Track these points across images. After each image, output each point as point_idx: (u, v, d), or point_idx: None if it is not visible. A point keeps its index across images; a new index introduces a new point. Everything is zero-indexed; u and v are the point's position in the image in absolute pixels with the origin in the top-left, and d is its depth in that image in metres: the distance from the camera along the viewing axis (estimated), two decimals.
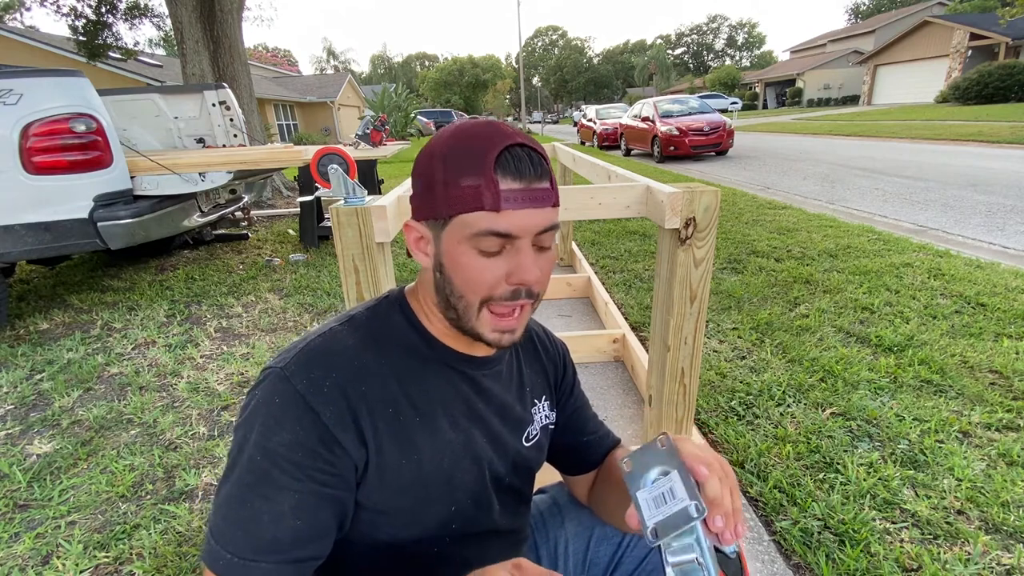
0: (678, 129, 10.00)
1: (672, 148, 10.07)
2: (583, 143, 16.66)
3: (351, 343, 0.58)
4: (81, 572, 1.33)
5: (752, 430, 1.75)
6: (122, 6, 8.87)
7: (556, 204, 0.56)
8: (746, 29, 72.08)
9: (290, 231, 5.17)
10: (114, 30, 8.93)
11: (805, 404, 1.87)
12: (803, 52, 41.75)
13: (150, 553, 1.37)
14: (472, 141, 0.53)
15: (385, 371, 0.58)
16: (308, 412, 0.51)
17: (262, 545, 0.49)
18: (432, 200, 0.55)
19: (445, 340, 0.63)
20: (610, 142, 14.01)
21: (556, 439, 0.78)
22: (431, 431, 0.59)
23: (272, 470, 0.50)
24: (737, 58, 72.55)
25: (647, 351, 2.07)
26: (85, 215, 2.74)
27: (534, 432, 0.72)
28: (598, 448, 0.79)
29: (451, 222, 0.54)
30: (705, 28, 74.36)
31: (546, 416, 0.75)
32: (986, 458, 1.53)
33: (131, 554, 1.38)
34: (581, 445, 0.78)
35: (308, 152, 3.74)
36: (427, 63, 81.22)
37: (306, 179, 4.59)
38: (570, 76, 70.31)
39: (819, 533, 1.31)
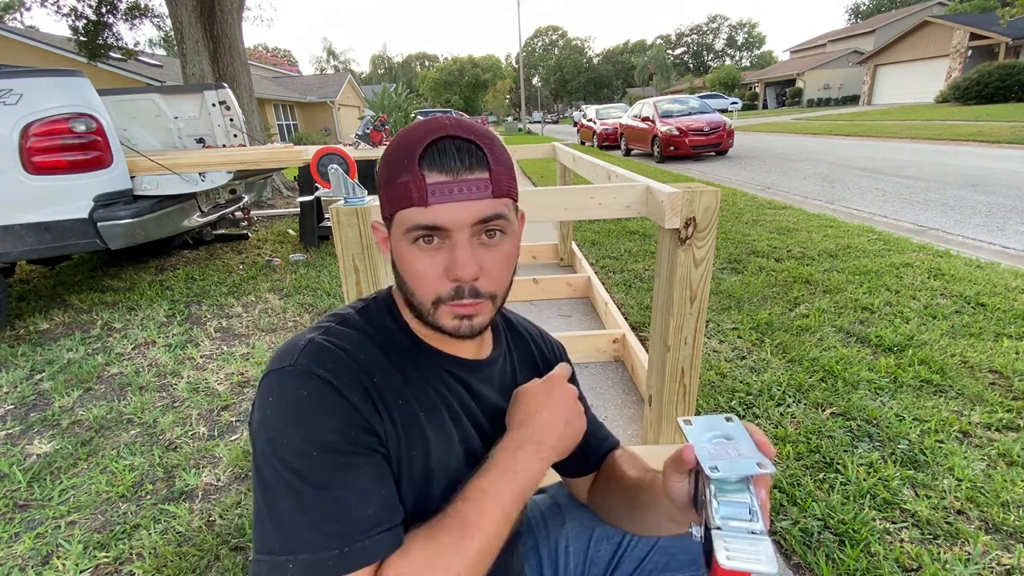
0: (678, 129, 10.00)
1: (672, 148, 10.07)
2: (583, 143, 16.66)
3: (353, 338, 0.58)
4: (81, 572, 1.33)
5: None
6: (122, 6, 8.88)
7: (501, 195, 0.54)
8: (746, 29, 72.12)
9: (290, 231, 5.17)
10: (114, 30, 8.94)
11: (805, 404, 1.87)
12: (803, 52, 41.74)
13: (150, 553, 1.37)
14: (407, 138, 0.54)
15: (387, 366, 0.58)
16: (340, 396, 0.51)
17: (361, 527, 0.48)
18: (382, 201, 0.57)
19: (431, 342, 0.63)
20: (610, 142, 14.01)
21: None
22: (437, 425, 0.59)
23: (336, 457, 0.49)
24: (737, 58, 72.58)
25: (647, 351, 2.07)
26: (85, 215, 2.74)
27: None
28: (596, 452, 0.78)
29: (394, 220, 0.55)
30: (705, 28, 74.42)
31: None
32: (986, 458, 1.53)
33: (131, 554, 1.38)
34: (579, 450, 0.78)
35: (308, 152, 3.73)
36: (427, 63, 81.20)
37: (306, 179, 4.59)
38: (570, 76, 70.30)
39: (819, 533, 1.31)
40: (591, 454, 0.78)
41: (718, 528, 0.45)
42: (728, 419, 0.54)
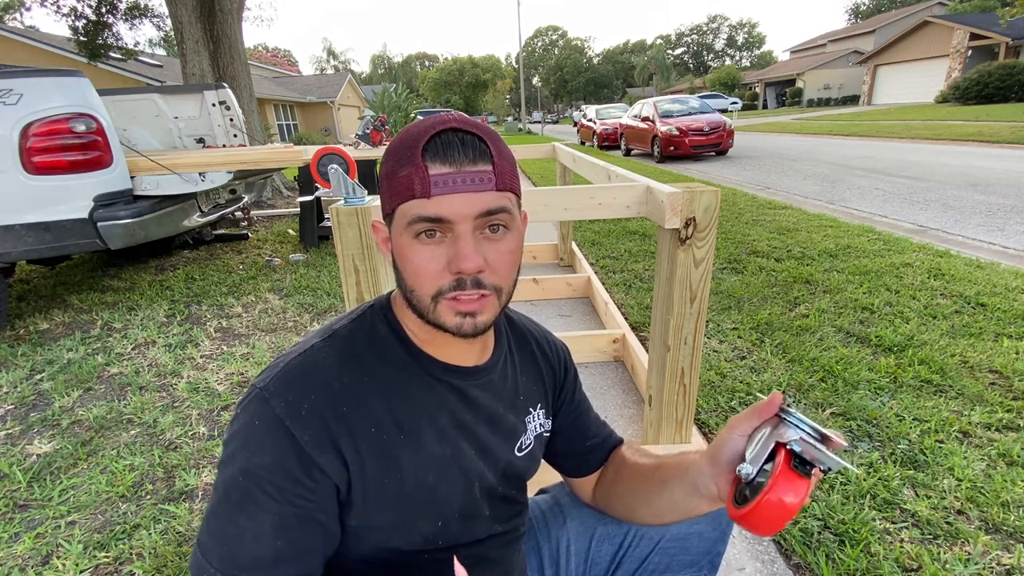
0: (678, 129, 10.00)
1: (672, 148, 10.07)
2: (583, 143, 16.65)
3: (331, 362, 0.56)
4: (81, 572, 1.33)
5: None
6: (122, 6, 8.89)
7: (504, 188, 0.53)
8: (746, 29, 72.14)
9: (290, 231, 5.17)
10: (114, 30, 8.95)
11: (805, 404, 1.87)
12: (803, 52, 41.75)
13: (150, 553, 1.37)
14: (410, 133, 0.54)
15: (367, 389, 0.56)
16: (286, 436, 0.51)
17: (244, 562, 0.50)
18: (383, 198, 0.56)
19: (429, 349, 0.61)
20: (610, 142, 14.01)
21: (557, 444, 0.77)
22: (415, 447, 0.58)
23: (254, 490, 0.50)
24: (737, 58, 72.61)
25: (647, 351, 2.07)
26: (85, 215, 2.74)
27: (527, 442, 0.70)
28: (600, 451, 0.78)
29: (395, 215, 0.54)
30: (705, 28, 74.44)
31: (541, 425, 0.73)
32: (986, 458, 1.53)
33: (131, 554, 1.38)
34: (584, 450, 0.78)
35: (308, 152, 3.74)
36: (427, 63, 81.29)
37: (306, 179, 4.59)
38: (570, 76, 70.30)
39: (819, 533, 1.31)
40: (595, 452, 0.78)
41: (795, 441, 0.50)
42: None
